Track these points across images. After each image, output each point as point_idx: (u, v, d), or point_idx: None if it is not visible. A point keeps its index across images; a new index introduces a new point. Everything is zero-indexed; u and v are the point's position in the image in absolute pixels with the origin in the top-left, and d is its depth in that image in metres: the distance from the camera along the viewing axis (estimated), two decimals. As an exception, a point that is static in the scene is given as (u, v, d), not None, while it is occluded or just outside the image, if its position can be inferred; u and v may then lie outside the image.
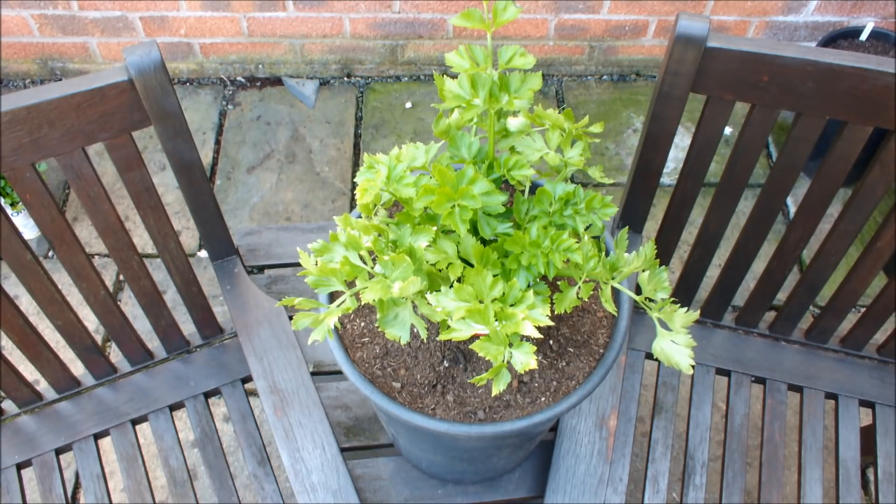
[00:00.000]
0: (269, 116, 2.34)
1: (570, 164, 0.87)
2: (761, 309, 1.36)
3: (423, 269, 0.79)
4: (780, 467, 1.30)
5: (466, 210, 0.77)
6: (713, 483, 1.65)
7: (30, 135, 0.99)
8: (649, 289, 0.83)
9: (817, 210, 1.18)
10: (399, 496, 1.26)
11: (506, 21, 0.79)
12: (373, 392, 0.91)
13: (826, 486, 1.63)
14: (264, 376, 1.25)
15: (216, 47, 2.31)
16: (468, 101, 0.81)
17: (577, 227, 0.83)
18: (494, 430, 0.89)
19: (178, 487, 1.26)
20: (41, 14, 2.17)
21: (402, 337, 0.80)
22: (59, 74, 2.38)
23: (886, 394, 1.34)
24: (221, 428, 1.79)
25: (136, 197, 1.13)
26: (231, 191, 2.19)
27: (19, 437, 1.29)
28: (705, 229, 1.26)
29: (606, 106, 2.38)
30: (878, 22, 2.19)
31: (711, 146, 1.14)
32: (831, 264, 1.25)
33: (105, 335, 1.92)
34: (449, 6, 2.20)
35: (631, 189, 1.26)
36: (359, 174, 0.81)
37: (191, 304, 1.31)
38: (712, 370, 1.36)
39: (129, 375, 1.35)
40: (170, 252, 1.22)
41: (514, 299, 0.76)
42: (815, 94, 1.03)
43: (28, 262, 1.11)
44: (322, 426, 1.21)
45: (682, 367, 0.79)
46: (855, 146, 1.09)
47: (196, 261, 2.06)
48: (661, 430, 1.31)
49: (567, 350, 0.97)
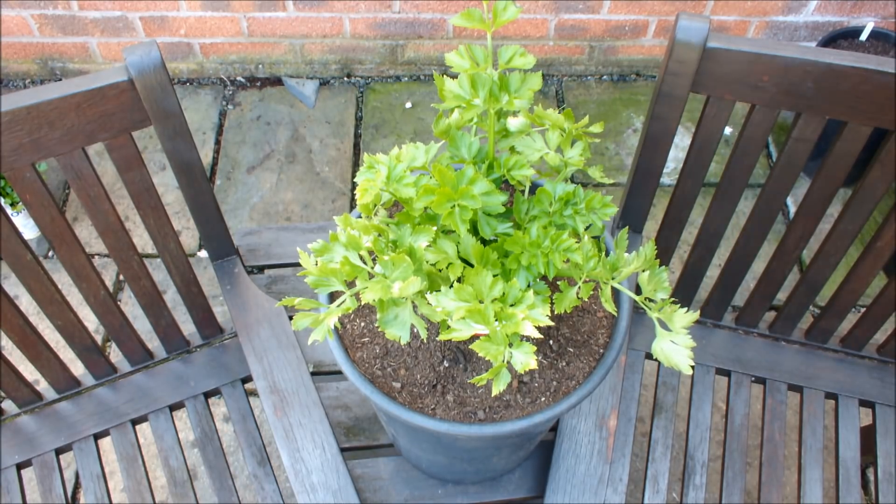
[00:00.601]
0: (269, 116, 2.34)
1: (570, 164, 0.87)
2: (761, 309, 1.37)
3: (423, 269, 0.79)
4: (780, 467, 1.30)
5: (466, 210, 0.77)
6: (713, 483, 1.65)
7: (30, 135, 0.99)
8: (649, 289, 0.83)
9: (817, 210, 1.18)
10: (399, 496, 1.26)
11: (506, 21, 0.79)
12: (373, 392, 0.91)
13: (826, 486, 1.63)
14: (264, 376, 1.25)
15: (216, 47, 2.31)
16: (468, 101, 0.81)
17: (577, 227, 0.83)
18: (494, 430, 0.89)
19: (178, 487, 1.26)
20: (41, 14, 2.17)
21: (402, 337, 0.80)
22: (59, 74, 2.38)
23: (886, 394, 1.34)
24: (221, 428, 1.79)
25: (136, 197, 1.13)
26: (231, 191, 2.19)
27: (19, 437, 1.29)
28: (705, 229, 1.26)
29: (606, 106, 2.38)
30: (878, 22, 2.19)
31: (711, 146, 1.14)
32: (831, 264, 1.25)
33: (105, 335, 1.93)
34: (449, 6, 2.20)
35: (631, 189, 1.26)
36: (359, 174, 0.81)
37: (191, 304, 1.31)
38: (712, 370, 1.36)
39: (129, 375, 1.35)
40: (170, 252, 1.22)
41: (514, 299, 0.76)
42: (815, 94, 1.03)
43: (28, 262, 1.11)
44: (322, 426, 1.21)
45: (682, 368, 0.79)
46: (855, 146, 1.09)
47: (196, 261, 2.06)
48: (661, 430, 1.31)
49: (567, 350, 0.97)
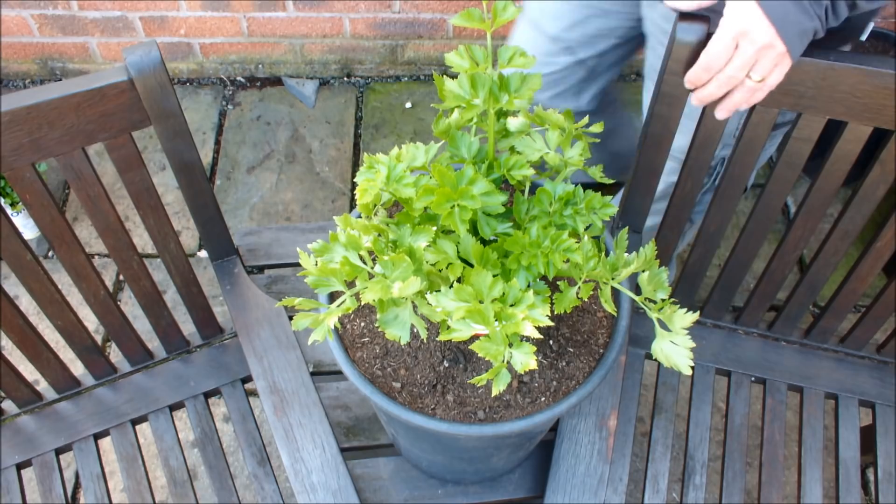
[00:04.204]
0: (269, 116, 2.34)
1: (570, 164, 0.87)
2: (761, 309, 1.36)
3: (423, 269, 0.79)
4: (780, 467, 1.30)
5: (466, 210, 0.77)
6: (713, 483, 1.65)
7: (30, 135, 0.99)
8: (649, 289, 0.83)
9: (817, 210, 1.18)
10: (399, 496, 1.26)
11: (506, 21, 0.79)
12: (373, 392, 0.91)
13: (826, 486, 1.63)
14: (264, 376, 1.25)
15: (216, 47, 2.31)
16: (468, 101, 0.81)
17: (577, 227, 0.83)
18: (494, 431, 0.89)
19: (178, 487, 1.26)
20: (41, 14, 2.17)
21: (402, 337, 0.80)
22: (59, 74, 2.38)
23: (886, 394, 1.34)
24: (221, 428, 1.79)
25: (136, 197, 1.13)
26: (231, 191, 2.19)
27: (19, 437, 1.29)
28: (705, 229, 1.26)
29: (606, 106, 2.38)
30: (878, 22, 2.19)
31: (711, 146, 1.14)
32: (831, 264, 1.25)
33: (105, 335, 1.93)
34: (449, 6, 2.20)
35: (631, 189, 1.26)
36: (359, 174, 0.81)
37: (191, 304, 1.31)
38: (712, 370, 1.36)
39: (129, 375, 1.35)
40: (170, 252, 1.22)
41: (514, 299, 0.76)
42: (815, 94, 1.03)
43: (28, 262, 1.11)
44: (322, 426, 1.21)
45: (682, 368, 0.80)
46: (855, 146, 1.09)
47: (196, 261, 2.06)
48: (661, 430, 1.31)
49: (567, 350, 0.97)
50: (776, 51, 0.90)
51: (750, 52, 0.91)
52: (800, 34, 0.90)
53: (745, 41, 0.90)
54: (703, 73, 0.96)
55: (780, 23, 0.88)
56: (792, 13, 0.88)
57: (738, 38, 0.90)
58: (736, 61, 0.92)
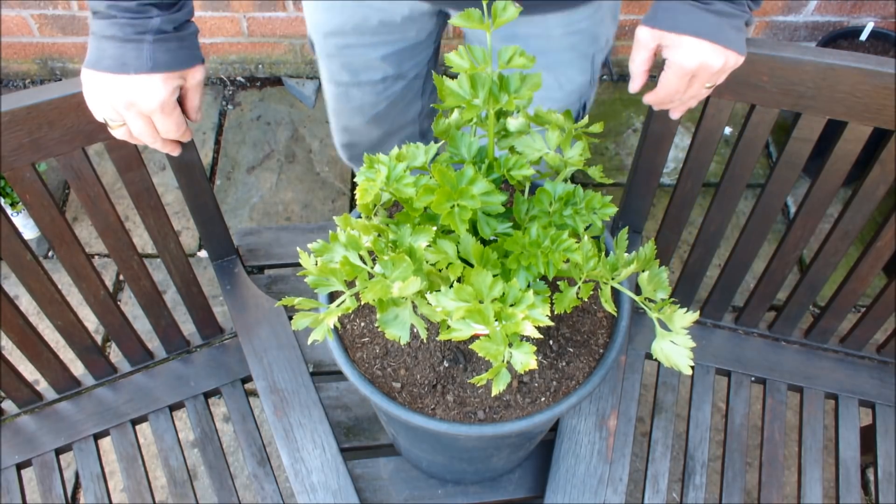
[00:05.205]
0: (269, 116, 2.34)
1: (569, 164, 0.87)
2: (761, 309, 1.37)
3: (423, 269, 0.79)
4: (780, 467, 1.30)
5: (466, 210, 0.77)
6: (713, 483, 1.65)
7: (30, 135, 0.99)
8: (649, 289, 0.83)
9: (817, 210, 1.18)
10: (399, 496, 1.25)
11: (505, 21, 0.79)
12: (373, 392, 0.91)
13: (826, 486, 1.63)
14: (264, 376, 1.25)
15: (216, 47, 2.31)
16: (468, 101, 0.81)
17: (577, 227, 0.83)
18: (494, 431, 0.89)
19: (178, 487, 1.26)
20: (41, 14, 2.17)
21: (402, 337, 0.80)
22: (59, 74, 2.38)
23: (886, 394, 1.34)
24: (221, 428, 1.79)
25: (136, 197, 1.13)
26: (231, 191, 2.19)
27: (19, 437, 1.29)
28: (705, 229, 1.26)
29: (606, 106, 2.38)
30: (878, 22, 2.19)
31: (711, 146, 1.15)
32: (831, 264, 1.25)
33: (105, 335, 1.92)
34: (449, 6, 2.20)
35: (631, 189, 1.26)
36: (359, 174, 0.81)
37: (191, 304, 1.31)
38: (712, 370, 1.36)
39: (129, 375, 1.35)
40: (170, 252, 1.22)
41: (514, 299, 0.76)
42: (815, 94, 1.04)
43: (28, 262, 1.11)
44: (322, 426, 1.21)
45: (682, 368, 0.79)
46: (855, 146, 1.09)
47: (196, 261, 2.06)
48: (661, 430, 1.31)
49: (567, 350, 0.97)
50: (730, 64, 0.93)
51: (707, 76, 0.94)
52: (742, 35, 0.93)
53: (702, 71, 0.93)
54: (665, 100, 1.00)
55: (730, 42, 0.91)
56: (732, 25, 0.91)
57: (696, 71, 0.93)
58: (695, 86, 0.96)
